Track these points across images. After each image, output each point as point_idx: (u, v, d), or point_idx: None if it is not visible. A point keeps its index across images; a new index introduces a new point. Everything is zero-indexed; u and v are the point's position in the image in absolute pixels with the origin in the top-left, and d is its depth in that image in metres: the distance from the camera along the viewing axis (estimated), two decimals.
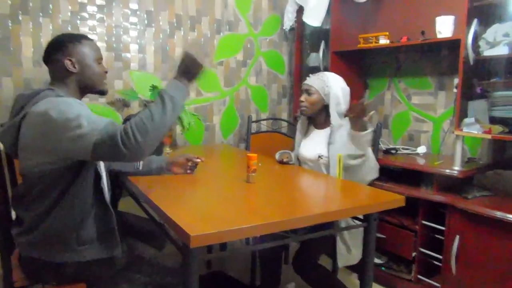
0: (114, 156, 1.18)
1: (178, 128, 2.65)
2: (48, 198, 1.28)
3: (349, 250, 1.87)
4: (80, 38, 1.41)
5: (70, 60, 1.36)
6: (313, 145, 2.05)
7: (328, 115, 2.00)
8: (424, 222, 2.16)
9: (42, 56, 1.41)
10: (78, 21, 2.43)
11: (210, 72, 2.95)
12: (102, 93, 1.49)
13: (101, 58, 1.47)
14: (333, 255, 1.88)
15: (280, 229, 1.22)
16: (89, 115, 1.20)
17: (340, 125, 1.96)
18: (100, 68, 1.45)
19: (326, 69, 2.77)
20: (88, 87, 1.43)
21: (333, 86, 1.97)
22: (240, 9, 3.05)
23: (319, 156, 1.98)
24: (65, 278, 1.35)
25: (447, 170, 2.06)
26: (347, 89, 2.03)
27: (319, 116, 2.05)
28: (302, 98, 2.02)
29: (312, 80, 2.01)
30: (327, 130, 2.01)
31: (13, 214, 1.44)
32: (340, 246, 1.86)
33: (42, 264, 1.32)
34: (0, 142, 1.34)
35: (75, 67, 1.37)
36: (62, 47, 1.37)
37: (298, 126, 2.19)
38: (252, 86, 3.18)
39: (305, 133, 2.16)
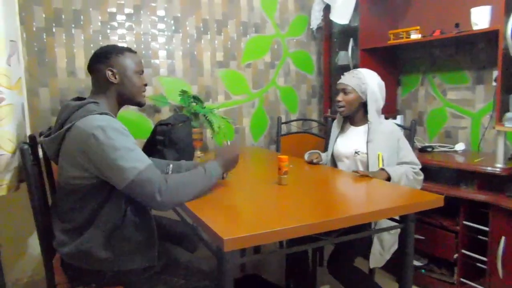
0: (143, 199, 1.26)
1: (208, 132, 2.66)
2: (83, 212, 1.30)
3: (384, 252, 1.82)
4: (123, 50, 1.45)
5: (111, 70, 1.40)
6: (349, 141, 2.01)
7: (365, 112, 1.97)
8: (465, 222, 2.06)
9: (87, 65, 1.46)
10: (108, 30, 2.49)
11: (238, 74, 2.96)
12: (139, 104, 1.52)
13: (142, 71, 1.51)
14: (368, 257, 1.83)
15: (315, 231, 1.19)
16: (133, 150, 1.24)
17: (379, 121, 1.92)
18: (140, 80, 1.48)
19: (356, 67, 2.70)
20: (127, 98, 1.47)
21: (369, 83, 1.93)
22: (266, 10, 3.04)
23: (356, 152, 1.94)
24: (104, 281, 1.37)
25: (489, 168, 1.96)
26: (383, 83, 1.98)
27: (356, 114, 2.01)
28: (339, 97, 1.98)
29: (348, 79, 1.97)
30: (365, 127, 1.98)
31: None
32: (375, 248, 1.80)
33: (81, 270, 1.35)
34: (46, 150, 1.38)
35: (115, 78, 1.41)
36: (105, 58, 1.41)
37: (334, 123, 2.15)
38: (281, 87, 3.16)
39: (341, 130, 2.12)
